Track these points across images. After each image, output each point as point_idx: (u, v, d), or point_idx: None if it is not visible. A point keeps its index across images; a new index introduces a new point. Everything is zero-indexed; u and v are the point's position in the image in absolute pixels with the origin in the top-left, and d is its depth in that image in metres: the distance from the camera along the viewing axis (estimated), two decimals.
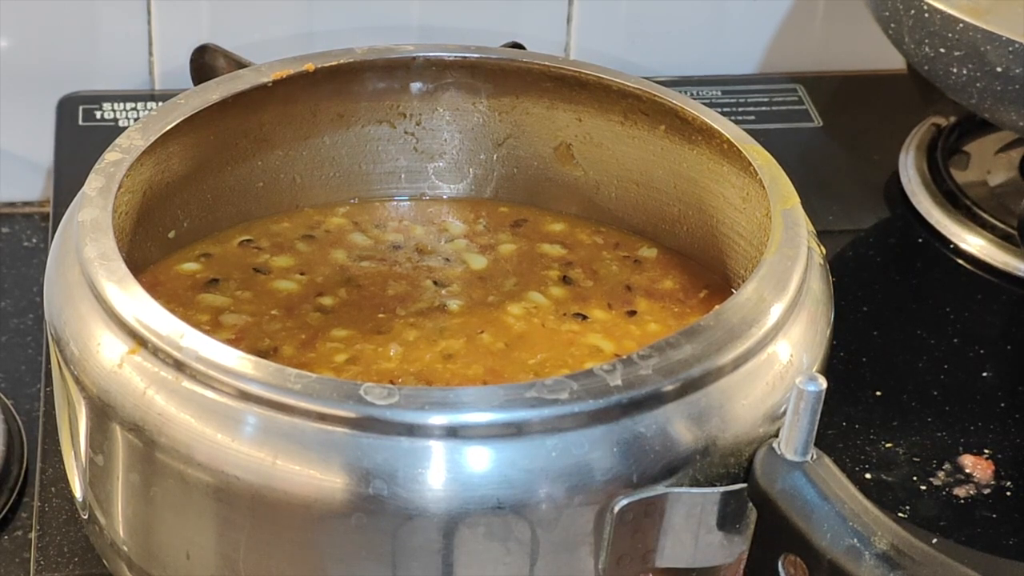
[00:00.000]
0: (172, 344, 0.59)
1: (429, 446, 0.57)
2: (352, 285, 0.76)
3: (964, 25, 0.87)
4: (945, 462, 0.80)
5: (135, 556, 0.64)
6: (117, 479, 0.62)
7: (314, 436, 0.57)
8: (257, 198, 0.79)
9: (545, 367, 0.70)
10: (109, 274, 0.63)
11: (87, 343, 0.62)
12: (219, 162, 0.77)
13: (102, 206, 0.66)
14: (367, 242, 0.79)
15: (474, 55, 0.79)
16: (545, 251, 0.79)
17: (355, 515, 0.57)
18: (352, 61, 0.77)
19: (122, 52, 1.02)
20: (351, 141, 0.81)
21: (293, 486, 0.57)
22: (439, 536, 0.57)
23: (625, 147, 0.79)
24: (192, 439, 0.58)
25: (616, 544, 0.59)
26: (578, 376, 0.58)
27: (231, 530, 0.59)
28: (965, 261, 0.95)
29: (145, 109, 0.99)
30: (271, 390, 0.57)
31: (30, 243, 0.98)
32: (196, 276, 0.75)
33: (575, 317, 0.74)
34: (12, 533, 0.77)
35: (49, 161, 0.99)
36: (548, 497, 0.57)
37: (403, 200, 0.82)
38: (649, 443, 0.58)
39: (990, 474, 0.80)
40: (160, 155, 0.72)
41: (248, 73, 0.76)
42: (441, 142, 0.81)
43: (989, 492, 0.79)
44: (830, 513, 0.57)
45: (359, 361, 0.70)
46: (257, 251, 0.78)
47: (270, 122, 0.78)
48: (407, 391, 0.57)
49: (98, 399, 0.61)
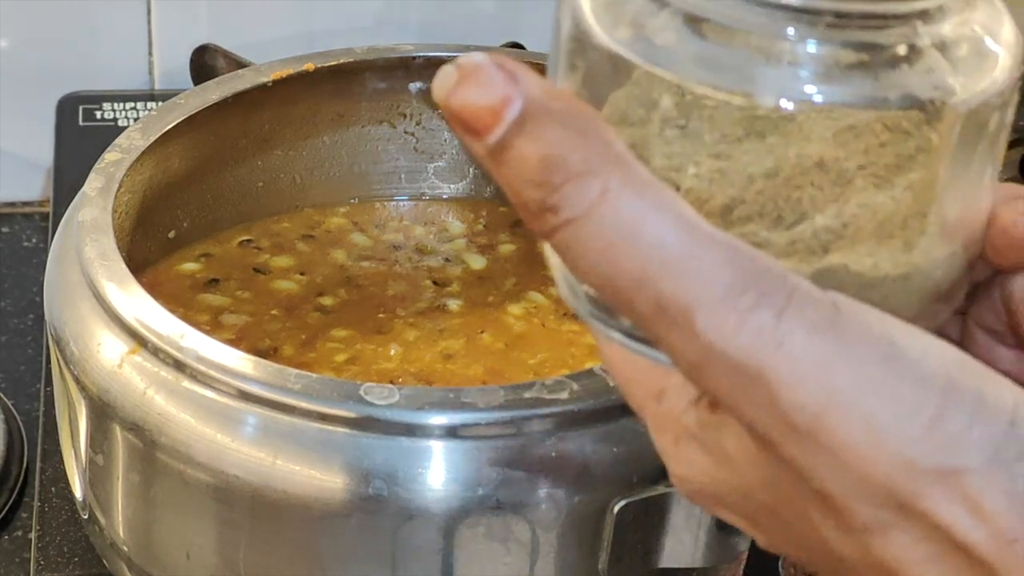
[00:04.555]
0: (172, 344, 0.59)
1: (429, 446, 0.57)
2: (352, 285, 0.76)
3: None
4: None
5: (135, 556, 0.63)
6: (117, 479, 0.62)
7: (314, 436, 0.57)
8: (257, 198, 0.79)
9: (545, 367, 0.70)
10: (109, 274, 0.63)
11: (87, 343, 0.62)
12: (219, 162, 0.77)
13: (102, 206, 0.66)
14: (367, 242, 0.79)
15: None
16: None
17: (355, 515, 0.57)
18: (352, 61, 0.77)
19: (122, 52, 1.02)
20: (351, 141, 0.80)
21: (293, 486, 0.57)
22: (439, 536, 0.57)
23: None
24: (192, 439, 0.58)
25: (616, 544, 0.58)
26: (578, 376, 0.58)
27: (231, 530, 0.59)
28: None
29: (145, 109, 0.99)
30: (271, 390, 0.57)
31: (30, 243, 0.98)
32: (196, 276, 0.75)
33: (575, 317, 0.73)
34: (12, 533, 0.77)
35: (49, 161, 0.98)
36: (548, 497, 0.57)
37: (403, 200, 0.82)
38: (649, 443, 0.58)
39: None
40: (160, 155, 0.72)
41: (248, 73, 0.76)
42: (441, 142, 0.81)
43: None
44: None
45: (359, 361, 0.70)
46: (257, 251, 0.78)
47: (270, 122, 0.78)
48: (407, 391, 0.57)
49: (98, 399, 0.61)
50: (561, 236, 0.36)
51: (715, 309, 0.35)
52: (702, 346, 0.36)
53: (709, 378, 0.36)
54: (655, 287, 0.36)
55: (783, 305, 0.36)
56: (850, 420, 0.35)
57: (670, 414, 0.41)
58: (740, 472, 0.39)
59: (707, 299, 0.35)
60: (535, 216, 0.37)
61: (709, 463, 0.40)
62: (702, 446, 0.40)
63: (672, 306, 0.36)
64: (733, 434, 0.38)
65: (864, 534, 0.36)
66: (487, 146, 0.36)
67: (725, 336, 0.35)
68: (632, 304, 0.36)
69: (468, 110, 0.36)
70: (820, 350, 0.35)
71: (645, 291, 0.36)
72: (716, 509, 0.41)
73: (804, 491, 0.37)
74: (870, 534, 0.36)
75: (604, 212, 0.36)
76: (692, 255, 0.36)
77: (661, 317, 0.36)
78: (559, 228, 0.36)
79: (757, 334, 0.35)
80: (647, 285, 0.36)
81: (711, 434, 0.39)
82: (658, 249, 0.36)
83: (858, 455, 0.35)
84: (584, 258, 0.36)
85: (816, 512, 0.37)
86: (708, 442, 0.40)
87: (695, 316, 0.35)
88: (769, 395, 0.36)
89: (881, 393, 0.35)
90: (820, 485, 0.36)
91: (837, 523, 0.37)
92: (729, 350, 0.35)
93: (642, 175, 0.36)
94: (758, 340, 0.35)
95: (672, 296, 0.36)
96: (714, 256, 0.36)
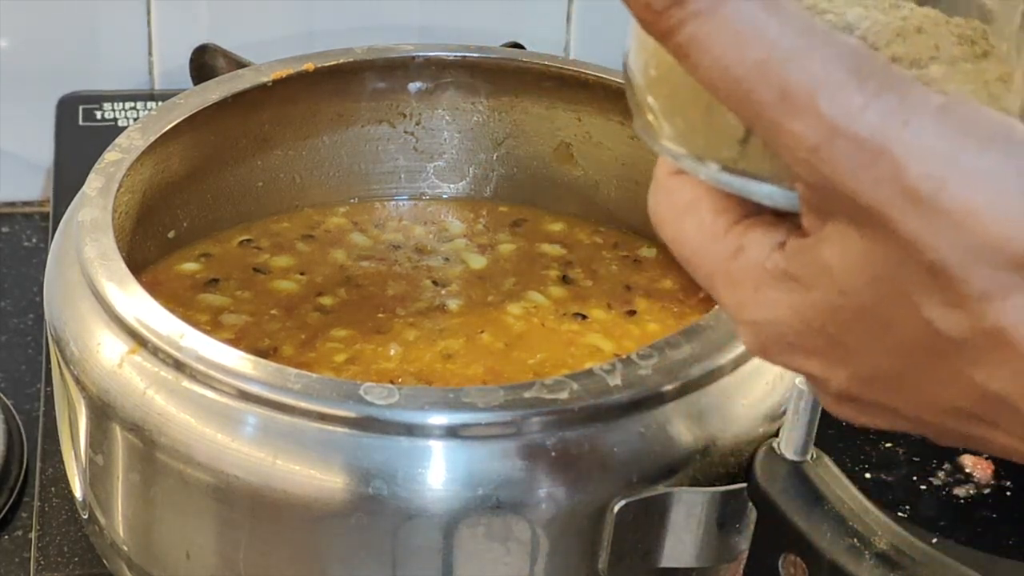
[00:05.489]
0: (172, 344, 0.59)
1: (429, 446, 0.57)
2: (352, 285, 0.76)
3: None
4: (945, 462, 0.80)
5: (135, 556, 0.63)
6: (117, 479, 0.62)
7: (314, 436, 0.57)
8: (257, 198, 0.79)
9: (545, 367, 0.70)
10: (109, 274, 0.63)
11: (87, 343, 0.62)
12: (219, 162, 0.77)
13: (102, 206, 0.66)
14: (367, 242, 0.79)
15: (473, 55, 0.79)
16: (544, 251, 0.79)
17: (355, 515, 0.57)
18: (352, 61, 0.77)
19: (122, 52, 1.02)
20: (351, 141, 0.81)
21: (293, 486, 0.57)
22: (439, 536, 0.57)
23: (625, 147, 0.79)
24: (192, 439, 0.58)
25: (616, 544, 0.58)
26: (578, 376, 0.58)
27: (231, 530, 0.59)
28: None
29: (145, 109, 0.99)
30: (271, 390, 0.57)
31: (30, 243, 0.98)
32: (196, 276, 0.75)
33: (575, 317, 0.74)
34: (12, 533, 0.77)
35: (49, 161, 0.98)
36: (548, 497, 0.57)
37: (403, 200, 0.82)
38: (649, 443, 0.58)
39: (990, 474, 0.80)
40: (160, 155, 0.72)
41: (248, 73, 0.76)
42: (441, 142, 0.81)
43: (989, 492, 0.79)
44: (830, 513, 0.57)
45: (359, 361, 0.70)
46: (257, 251, 0.78)
47: (270, 122, 0.78)
48: (407, 391, 0.57)
49: (98, 399, 0.61)
50: (687, 30, 0.38)
51: (841, 90, 0.37)
52: (827, 126, 0.37)
53: (831, 160, 0.38)
54: (779, 73, 0.37)
55: (906, 91, 0.37)
56: (975, 186, 0.37)
57: (751, 265, 0.42)
58: (837, 283, 0.39)
59: (833, 82, 0.37)
60: (659, 13, 0.38)
61: (797, 295, 0.41)
62: (789, 278, 0.41)
63: (798, 89, 0.37)
64: (835, 241, 0.39)
65: (980, 302, 0.37)
66: None
67: (851, 114, 0.37)
68: (753, 94, 0.38)
69: None
70: (945, 127, 0.37)
71: (769, 78, 0.37)
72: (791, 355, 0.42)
73: (913, 272, 0.38)
74: (987, 300, 0.37)
75: (732, 4, 0.38)
76: (816, 45, 0.37)
77: (784, 103, 0.38)
78: (685, 21, 0.38)
79: (883, 113, 0.37)
80: (771, 72, 0.37)
81: (804, 258, 0.40)
82: (784, 39, 0.37)
83: (982, 218, 0.37)
84: (709, 51, 0.38)
85: (923, 294, 0.38)
86: (799, 268, 0.40)
87: (820, 97, 0.37)
88: (894, 168, 0.37)
89: (1005, 165, 0.37)
90: (935, 256, 0.37)
91: (946, 298, 0.38)
92: (855, 126, 0.37)
93: None
94: (885, 118, 0.37)
95: (798, 80, 0.37)
96: (837, 49, 0.38)
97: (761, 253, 0.41)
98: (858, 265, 0.39)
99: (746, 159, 0.42)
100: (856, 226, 0.38)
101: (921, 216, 0.37)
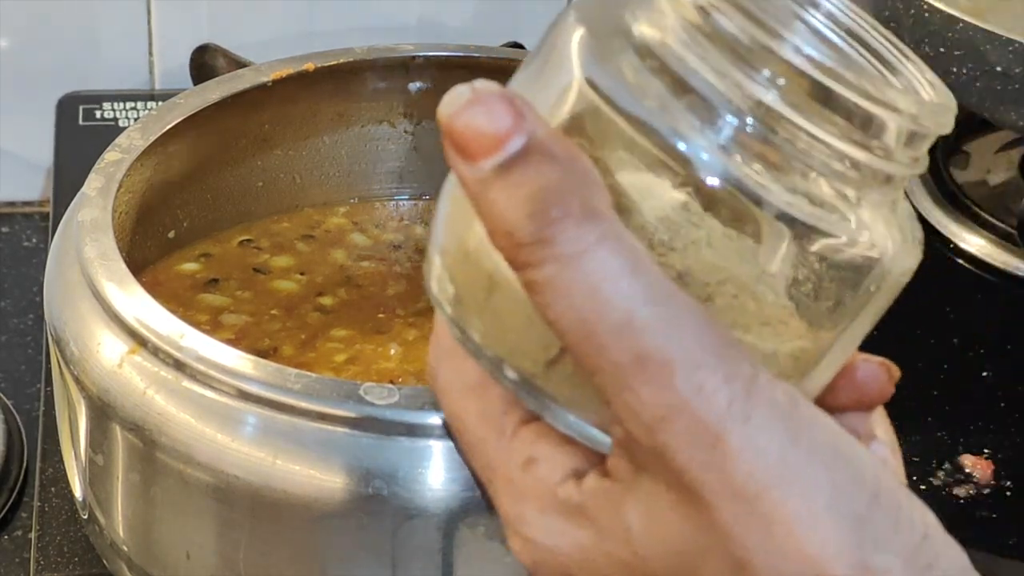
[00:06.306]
0: (172, 344, 0.59)
1: (429, 446, 0.57)
2: (352, 285, 0.76)
3: (964, 24, 0.87)
4: (945, 462, 0.80)
5: (135, 556, 0.63)
6: (117, 479, 0.62)
7: (314, 436, 0.57)
8: (257, 198, 0.79)
9: None
10: (109, 274, 0.63)
11: (87, 343, 0.62)
12: (219, 162, 0.77)
13: (102, 206, 0.66)
14: (367, 242, 0.79)
15: (474, 55, 0.79)
16: None
17: (355, 515, 0.57)
18: (352, 61, 0.77)
19: (122, 52, 1.02)
20: (351, 141, 0.80)
21: (293, 486, 0.57)
22: (439, 536, 0.57)
23: None
24: (192, 439, 0.58)
25: None
26: None
27: (231, 530, 0.59)
28: (965, 261, 0.95)
29: (145, 109, 0.99)
30: (271, 390, 0.57)
31: (30, 243, 0.98)
32: (196, 276, 0.75)
33: None
34: (12, 533, 0.77)
35: (49, 161, 0.98)
36: None
37: (403, 200, 0.82)
38: None
39: (990, 474, 0.79)
40: (160, 155, 0.72)
41: (248, 73, 0.76)
42: (441, 142, 0.81)
43: (989, 492, 0.79)
44: None
45: (359, 361, 0.70)
46: (257, 251, 0.78)
47: (270, 122, 0.78)
48: (407, 391, 0.57)
49: (98, 399, 0.61)
50: (547, 270, 0.37)
51: (696, 370, 0.37)
52: (679, 400, 0.37)
53: (672, 432, 0.37)
54: (638, 339, 0.37)
55: (752, 382, 0.37)
56: (792, 499, 0.37)
57: (540, 484, 0.41)
58: (633, 543, 0.39)
59: (688, 360, 0.37)
60: (521, 247, 0.37)
61: (586, 534, 0.40)
62: (582, 515, 0.40)
63: (654, 359, 0.37)
64: (642, 500, 0.39)
65: None
66: (480, 170, 0.38)
67: (702, 396, 0.37)
68: (605, 351, 0.37)
69: (471, 131, 0.37)
70: (779, 433, 0.37)
71: (626, 341, 0.37)
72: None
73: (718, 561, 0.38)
74: None
75: (601, 256, 0.37)
76: (678, 315, 0.37)
77: (637, 367, 0.37)
78: (547, 261, 0.37)
79: (730, 402, 0.37)
80: (629, 335, 0.37)
81: (604, 502, 0.40)
82: (647, 304, 0.37)
83: (792, 533, 0.37)
84: (567, 298, 0.37)
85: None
86: (595, 511, 0.40)
87: (677, 372, 0.37)
88: (725, 459, 0.37)
89: (823, 484, 0.37)
90: (744, 553, 0.37)
91: None
92: (702, 409, 0.37)
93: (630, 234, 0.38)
94: (731, 407, 0.37)
95: (656, 349, 0.37)
96: (696, 321, 0.37)
97: (553, 475, 0.41)
98: (662, 535, 0.39)
99: (548, 379, 0.40)
100: (672, 494, 0.38)
101: (740, 512, 0.37)
